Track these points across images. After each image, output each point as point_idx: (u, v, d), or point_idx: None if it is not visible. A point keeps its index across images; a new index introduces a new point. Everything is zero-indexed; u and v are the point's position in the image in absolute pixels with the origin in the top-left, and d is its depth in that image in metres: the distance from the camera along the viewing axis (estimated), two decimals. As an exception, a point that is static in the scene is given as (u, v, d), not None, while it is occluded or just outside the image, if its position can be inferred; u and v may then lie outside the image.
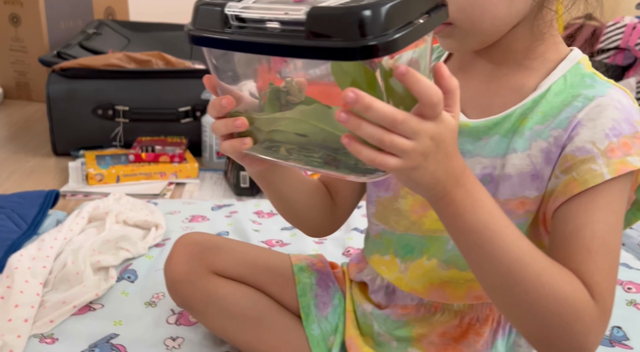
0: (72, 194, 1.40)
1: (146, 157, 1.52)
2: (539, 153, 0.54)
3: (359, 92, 0.39)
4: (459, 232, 0.48)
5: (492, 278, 0.49)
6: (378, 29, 0.38)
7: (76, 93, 1.59)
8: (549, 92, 0.55)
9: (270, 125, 0.48)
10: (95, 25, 2.05)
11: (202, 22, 0.45)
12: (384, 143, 0.41)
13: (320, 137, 0.46)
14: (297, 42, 0.40)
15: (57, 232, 1.00)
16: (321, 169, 0.48)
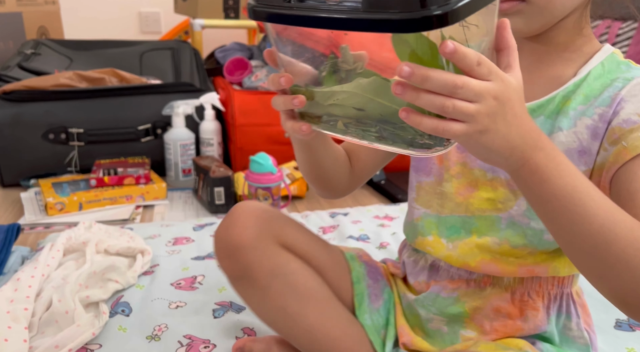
0: (31, 227, 1.28)
1: (109, 181, 1.41)
2: (585, 130, 0.56)
3: (413, 65, 0.39)
4: (545, 200, 0.46)
5: (584, 241, 0.46)
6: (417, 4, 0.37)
7: (23, 117, 1.47)
8: (589, 77, 0.58)
9: (328, 99, 0.48)
10: (31, 45, 1.90)
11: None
12: (446, 108, 0.40)
13: (378, 111, 0.46)
14: (355, 15, 0.39)
15: (32, 269, 0.90)
16: (377, 143, 0.48)
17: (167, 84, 1.60)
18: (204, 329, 0.82)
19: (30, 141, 1.48)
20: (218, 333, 0.82)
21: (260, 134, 1.57)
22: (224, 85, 1.65)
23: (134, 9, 2.82)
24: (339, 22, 0.40)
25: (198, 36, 2.18)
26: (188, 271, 0.98)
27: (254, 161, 1.31)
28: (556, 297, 0.64)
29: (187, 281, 0.95)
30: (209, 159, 1.47)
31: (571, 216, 0.46)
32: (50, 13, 2.35)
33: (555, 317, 0.64)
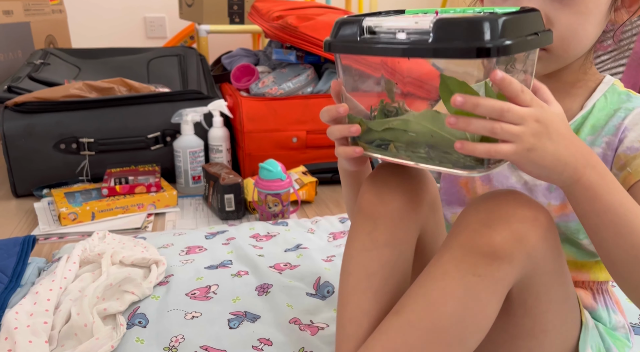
0: (45, 238, 1.30)
1: (121, 190, 1.43)
2: None
3: (465, 95, 0.46)
4: (595, 214, 0.51)
5: (627, 252, 0.51)
6: (494, 35, 0.46)
7: (35, 128, 1.49)
8: (594, 109, 0.64)
9: (383, 125, 0.56)
10: (40, 55, 1.93)
11: (341, 34, 0.55)
12: (496, 130, 0.46)
13: (428, 135, 0.53)
14: (425, 44, 0.48)
15: (50, 282, 0.92)
16: (424, 164, 0.55)
17: (175, 92, 1.62)
18: (221, 340, 0.84)
19: (42, 152, 1.50)
20: (234, 344, 0.83)
21: (268, 139, 1.58)
22: (231, 92, 1.66)
23: (139, 15, 2.84)
24: (409, 50, 0.49)
25: (204, 42, 2.20)
26: (202, 281, 1.00)
27: (263, 168, 1.32)
28: (599, 291, 0.70)
29: (202, 291, 0.97)
30: (218, 165, 1.49)
31: (617, 229, 0.51)
32: (58, 21, 2.37)
33: (600, 305, 0.69)
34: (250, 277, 1.01)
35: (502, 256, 0.52)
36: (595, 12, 0.59)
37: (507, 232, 0.52)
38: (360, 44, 0.53)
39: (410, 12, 0.59)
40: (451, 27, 0.46)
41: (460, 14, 0.51)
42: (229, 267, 1.05)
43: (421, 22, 0.48)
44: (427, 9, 0.58)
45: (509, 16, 0.47)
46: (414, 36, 0.49)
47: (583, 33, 0.60)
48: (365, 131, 0.58)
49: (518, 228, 0.52)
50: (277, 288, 0.97)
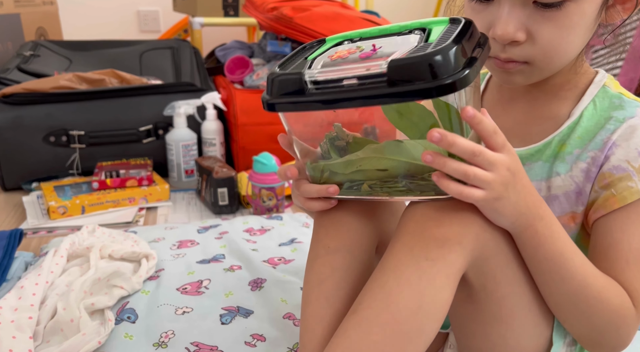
0: (33, 232, 1.26)
1: (112, 183, 1.40)
2: (580, 173, 0.60)
3: (442, 131, 0.46)
4: (537, 261, 0.54)
5: (561, 296, 0.55)
6: (449, 69, 0.45)
7: (23, 120, 1.45)
8: (582, 119, 0.61)
9: (348, 167, 0.55)
10: (30, 46, 1.89)
11: (280, 90, 0.51)
12: (468, 175, 0.47)
13: (402, 168, 0.53)
14: (383, 90, 0.45)
15: (36, 276, 0.89)
16: (405, 196, 0.54)
17: (167, 84, 1.59)
18: (212, 336, 0.81)
19: (31, 144, 1.46)
20: (226, 339, 0.81)
21: (262, 133, 1.55)
22: (225, 85, 1.63)
23: (133, 8, 2.80)
24: (367, 99, 0.46)
25: (197, 35, 2.16)
26: (194, 275, 0.97)
27: (257, 161, 1.30)
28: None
29: (193, 286, 0.94)
30: (211, 159, 1.46)
31: (555, 276, 0.54)
32: (49, 14, 2.33)
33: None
34: (244, 272, 0.99)
35: (451, 237, 0.51)
36: (580, 23, 0.55)
37: (454, 215, 0.52)
38: (309, 98, 0.49)
39: (331, 39, 0.57)
40: (406, 68, 0.45)
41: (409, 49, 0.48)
42: (221, 261, 1.02)
43: (373, 67, 0.46)
44: (348, 33, 0.56)
45: (455, 43, 0.46)
46: (367, 82, 0.46)
47: (567, 46, 0.56)
48: (330, 175, 0.57)
49: (464, 211, 0.52)
50: (270, 283, 0.94)
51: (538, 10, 0.54)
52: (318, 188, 0.57)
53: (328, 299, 0.58)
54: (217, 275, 0.97)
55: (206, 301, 0.89)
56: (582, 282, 0.54)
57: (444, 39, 0.49)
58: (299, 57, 0.55)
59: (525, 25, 0.55)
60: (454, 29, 0.52)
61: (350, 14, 1.58)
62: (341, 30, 1.57)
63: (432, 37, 0.51)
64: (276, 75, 0.51)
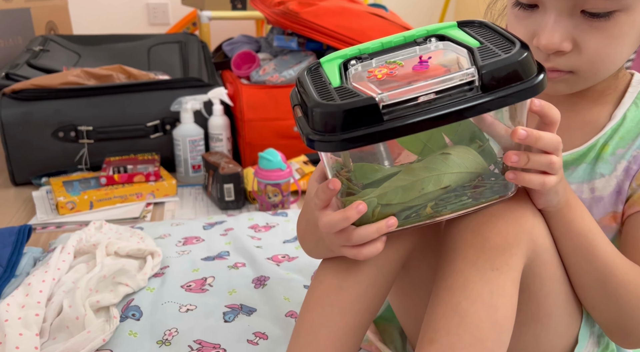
0: (42, 227, 1.28)
1: (119, 179, 1.41)
2: (622, 172, 0.60)
3: (528, 129, 0.47)
4: (570, 236, 0.55)
5: (590, 275, 0.56)
6: (533, 69, 0.46)
7: (32, 116, 1.46)
8: (625, 120, 0.61)
9: (409, 194, 0.51)
10: (40, 41, 1.90)
11: (348, 122, 0.44)
12: (554, 164, 0.49)
13: (461, 180, 0.51)
14: (481, 98, 0.44)
15: (43, 273, 0.90)
16: (470, 208, 0.53)
17: (174, 80, 1.59)
18: (215, 334, 0.82)
19: (41, 140, 1.48)
20: (229, 337, 0.82)
21: (268, 128, 1.55)
22: (232, 80, 1.63)
23: (142, 1, 2.80)
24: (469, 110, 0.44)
25: (205, 28, 2.16)
26: (198, 273, 0.98)
27: (262, 158, 1.30)
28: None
29: (198, 283, 0.95)
30: (218, 154, 1.46)
31: (585, 252, 0.55)
32: (58, 7, 2.35)
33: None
34: (248, 269, 0.99)
35: (511, 241, 0.52)
36: (630, 33, 0.53)
37: (508, 217, 0.52)
38: (394, 124, 0.43)
39: (327, 61, 0.53)
40: (502, 72, 0.44)
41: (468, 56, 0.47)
42: (225, 258, 1.03)
43: (464, 76, 0.44)
44: (344, 52, 0.52)
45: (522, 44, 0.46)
46: (449, 93, 0.44)
47: (615, 56, 0.55)
48: (382, 208, 0.51)
49: (515, 212, 0.53)
50: (274, 280, 0.95)
51: (586, 20, 0.52)
52: (378, 227, 0.51)
53: (341, 309, 0.57)
54: (221, 272, 0.98)
55: (210, 299, 0.90)
56: (610, 261, 0.55)
57: (495, 41, 0.48)
58: (319, 86, 0.49)
59: (572, 34, 0.53)
60: (488, 31, 0.51)
61: (356, 9, 1.57)
62: (348, 24, 1.56)
63: (469, 41, 0.49)
64: (336, 107, 0.44)
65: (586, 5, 0.52)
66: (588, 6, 0.51)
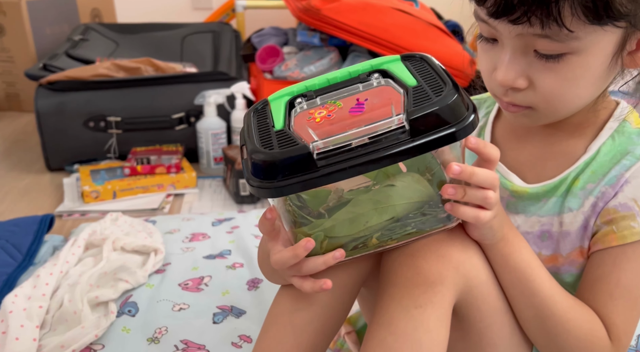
0: (68, 214, 1.36)
1: (142, 170, 1.47)
2: (589, 207, 0.59)
3: (462, 165, 0.48)
4: (508, 271, 0.56)
5: (529, 310, 0.57)
6: (462, 111, 0.47)
7: (66, 106, 1.54)
8: (599, 154, 0.59)
9: (354, 227, 0.52)
10: (81, 30, 1.98)
11: (284, 170, 0.46)
12: (489, 199, 0.50)
13: (405, 211, 0.52)
14: (408, 144, 0.45)
15: (52, 266, 0.97)
16: (415, 237, 0.54)
17: (200, 73, 1.63)
18: (202, 334, 0.86)
19: (73, 129, 1.56)
20: (214, 339, 0.85)
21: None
22: (257, 73, 1.66)
23: (186, -14, 2.85)
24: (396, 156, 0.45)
25: (240, 17, 2.19)
26: (197, 271, 1.02)
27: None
28: None
29: (194, 282, 0.99)
30: (237, 149, 1.50)
31: (523, 287, 0.56)
32: (103, -6, 2.43)
33: None
34: (244, 270, 1.03)
35: (433, 279, 0.53)
36: (586, 75, 0.53)
37: (429, 257, 0.54)
38: (327, 170, 0.45)
39: (275, 98, 0.54)
40: (430, 118, 0.45)
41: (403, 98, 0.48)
42: (226, 258, 1.07)
43: (393, 124, 0.46)
44: (290, 89, 0.54)
45: (455, 85, 0.48)
46: (380, 138, 0.45)
47: (571, 96, 0.54)
48: (330, 240, 0.53)
49: (438, 248, 0.54)
50: (267, 283, 0.98)
51: (539, 60, 0.53)
52: (324, 259, 0.52)
53: (295, 329, 0.59)
54: (219, 272, 1.02)
55: (203, 299, 0.94)
56: (548, 298, 0.55)
57: (431, 80, 0.49)
58: (262, 129, 0.51)
59: (527, 72, 0.54)
60: (425, 68, 0.52)
61: (380, 4, 1.55)
62: (371, 21, 1.54)
63: (407, 79, 0.50)
64: (272, 156, 0.46)
65: (537, 46, 0.52)
66: (539, 47, 0.52)
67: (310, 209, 0.54)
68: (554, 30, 0.49)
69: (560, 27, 0.48)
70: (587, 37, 0.50)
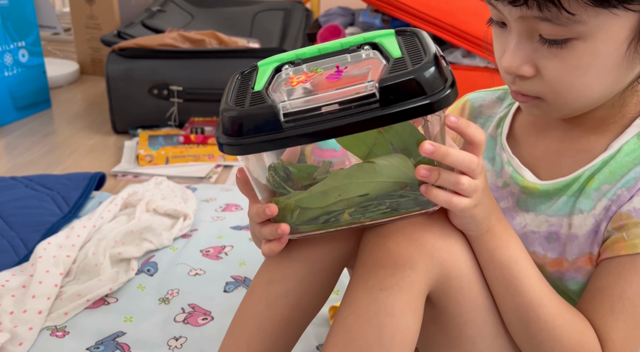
0: (122, 175, 1.43)
1: (195, 139, 1.52)
2: (602, 211, 0.54)
3: (435, 144, 0.45)
4: (493, 266, 0.52)
5: (513, 312, 0.53)
6: (439, 84, 0.44)
7: (133, 73, 1.62)
8: (620, 153, 0.54)
9: (326, 199, 0.50)
10: (161, 2, 2.06)
11: (249, 128, 0.45)
12: (461, 185, 0.47)
13: (383, 189, 0.50)
14: (377, 113, 0.44)
15: (87, 219, 1.02)
16: (389, 217, 0.52)
17: (262, 49, 1.65)
18: (210, 301, 0.88)
19: (138, 95, 1.63)
20: (221, 307, 0.87)
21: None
22: (318, 52, 1.65)
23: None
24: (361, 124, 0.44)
25: (315, -4, 2.18)
26: (221, 240, 1.04)
27: (318, 136, 1.31)
28: None
29: (216, 250, 1.01)
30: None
31: (508, 285, 0.52)
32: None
33: None
34: (266, 245, 1.03)
35: (402, 263, 0.50)
36: (595, 63, 0.48)
37: (403, 240, 0.51)
38: (292, 133, 0.44)
39: (264, 64, 0.53)
40: (401, 87, 0.43)
41: (383, 67, 0.46)
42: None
43: (356, 90, 0.44)
44: (281, 56, 0.52)
45: (435, 57, 0.45)
46: (350, 105, 0.44)
47: (581, 86, 0.50)
48: (301, 211, 0.51)
49: (412, 231, 0.51)
50: (285, 260, 0.98)
51: (544, 46, 0.49)
52: (271, 229, 0.52)
53: (269, 301, 0.58)
54: (241, 243, 1.03)
55: (220, 267, 0.96)
56: (534, 300, 0.51)
57: (415, 54, 0.47)
58: (241, 89, 0.51)
59: (533, 59, 0.50)
60: (414, 41, 0.50)
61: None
62: (436, 4, 1.48)
63: (393, 51, 0.49)
64: (238, 112, 0.46)
65: (541, 30, 0.48)
66: (542, 31, 0.48)
67: (294, 182, 0.54)
68: (553, 13, 0.45)
69: (559, 10, 0.44)
70: (592, 21, 0.45)
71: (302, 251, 0.57)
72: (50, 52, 2.40)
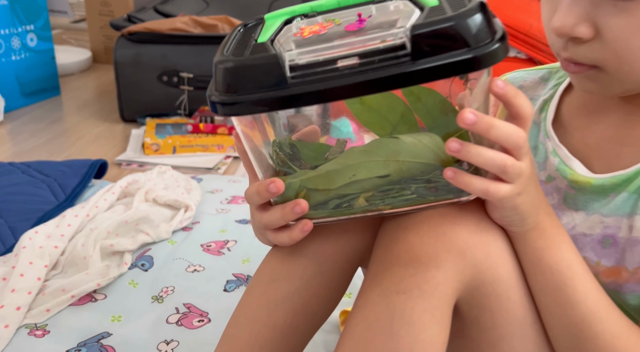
0: (127, 163, 1.36)
1: (204, 128, 1.44)
2: None
3: (477, 113, 0.36)
4: (540, 270, 0.44)
5: (563, 328, 0.44)
6: (486, 36, 0.36)
7: (142, 58, 1.54)
8: None
9: (338, 180, 0.42)
10: (176, -13, 1.99)
11: (248, 82, 0.37)
12: (506, 168, 0.38)
13: (408, 171, 0.42)
14: (409, 67, 0.35)
15: (80, 208, 0.94)
16: (414, 205, 0.43)
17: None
18: (208, 301, 0.79)
19: (147, 81, 1.56)
20: (219, 307, 0.78)
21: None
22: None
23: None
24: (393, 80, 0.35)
25: (335, -16, 2.09)
26: (224, 234, 0.96)
27: (334, 126, 1.22)
28: None
29: (218, 245, 0.93)
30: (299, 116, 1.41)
31: (559, 295, 0.43)
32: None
33: None
34: (273, 240, 0.94)
35: (426, 260, 0.41)
36: None
37: (426, 230, 0.42)
38: (299, 90, 0.36)
39: (271, 17, 0.45)
40: (439, 36, 0.35)
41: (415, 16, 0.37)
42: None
43: (391, 38, 0.35)
44: (294, 8, 0.45)
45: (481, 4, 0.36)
46: (373, 59, 0.35)
47: None
48: (308, 193, 0.43)
49: (440, 224, 0.42)
50: (293, 258, 0.89)
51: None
52: (283, 212, 0.43)
53: (269, 305, 0.50)
54: (245, 238, 0.94)
55: (221, 263, 0.88)
56: (593, 313, 0.43)
57: (457, 2, 0.38)
58: (242, 41, 0.42)
59: (592, 17, 0.42)
60: None
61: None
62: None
63: (429, 1, 0.40)
64: (235, 63, 0.38)
65: None
66: None
67: (302, 162, 0.45)
68: None
69: None
70: None
71: (309, 245, 0.48)
72: (65, 41, 2.35)
